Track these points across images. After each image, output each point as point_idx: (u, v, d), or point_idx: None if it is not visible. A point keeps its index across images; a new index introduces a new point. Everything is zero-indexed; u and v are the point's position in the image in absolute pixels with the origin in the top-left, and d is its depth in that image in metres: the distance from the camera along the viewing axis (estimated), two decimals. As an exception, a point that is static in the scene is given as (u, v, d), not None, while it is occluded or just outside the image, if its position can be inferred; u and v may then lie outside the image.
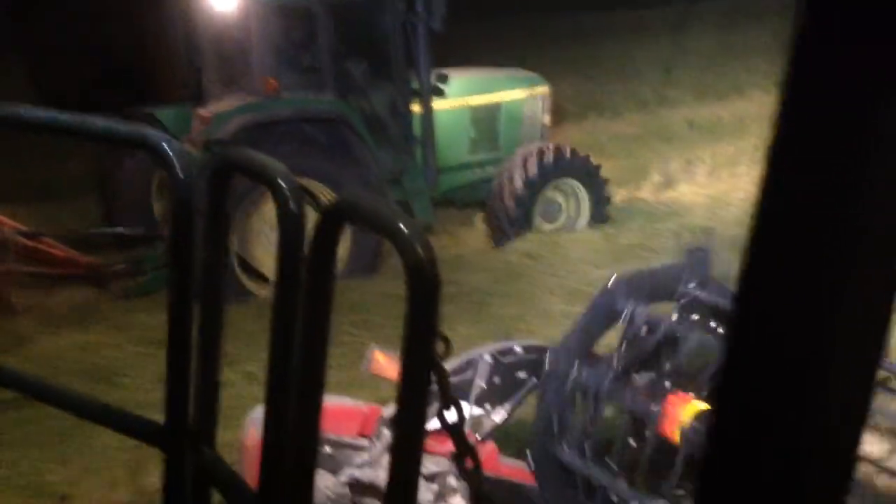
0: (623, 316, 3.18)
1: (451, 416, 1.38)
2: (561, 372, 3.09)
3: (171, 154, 1.53)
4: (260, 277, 7.75)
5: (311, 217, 1.56)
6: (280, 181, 1.42)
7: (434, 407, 1.55)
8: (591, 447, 3.10)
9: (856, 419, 0.58)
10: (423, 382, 1.33)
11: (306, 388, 1.53)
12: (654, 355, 3.13)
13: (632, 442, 3.05)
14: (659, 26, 16.79)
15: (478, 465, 1.33)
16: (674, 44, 15.72)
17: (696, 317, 3.20)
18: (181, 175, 1.56)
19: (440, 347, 1.36)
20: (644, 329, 3.17)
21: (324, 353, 1.51)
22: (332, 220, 1.44)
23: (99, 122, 1.59)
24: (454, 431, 1.34)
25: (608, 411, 3.11)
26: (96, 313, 7.51)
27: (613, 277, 3.26)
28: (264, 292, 7.57)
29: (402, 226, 1.31)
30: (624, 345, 3.14)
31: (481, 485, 1.33)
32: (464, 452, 1.33)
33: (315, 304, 1.49)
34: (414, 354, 1.32)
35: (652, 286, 3.24)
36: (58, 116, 1.60)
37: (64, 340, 6.93)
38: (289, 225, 1.44)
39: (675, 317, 3.22)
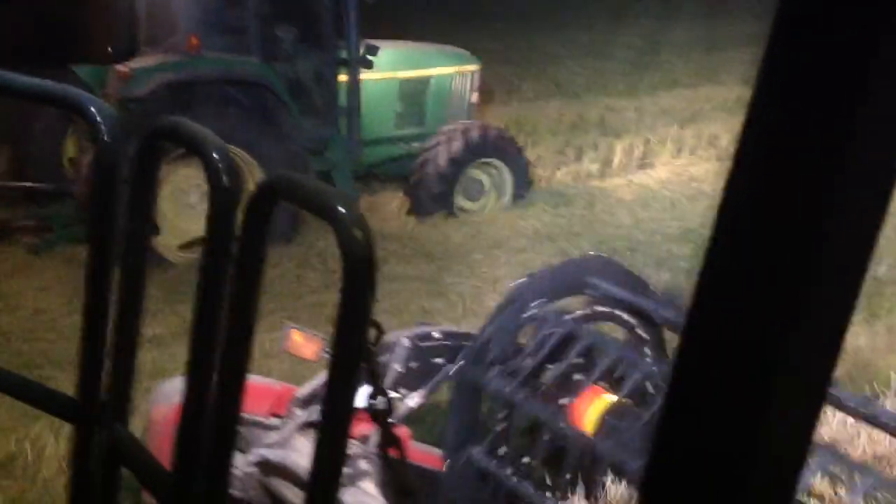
0: (528, 319, 3.19)
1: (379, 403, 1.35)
2: (472, 381, 3.10)
3: (99, 118, 1.46)
4: (183, 244, 7.57)
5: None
6: (215, 155, 1.37)
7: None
8: (506, 452, 3.12)
9: (804, 438, 0.58)
10: (353, 368, 1.31)
11: (230, 366, 1.49)
12: (563, 352, 3.14)
13: (545, 444, 3.08)
14: (601, 14, 17.01)
15: (403, 455, 1.31)
16: (611, 33, 15.96)
17: (603, 308, 3.23)
18: (108, 140, 1.49)
19: (372, 334, 1.33)
20: (552, 331, 3.18)
21: (251, 332, 1.47)
22: (266, 197, 1.39)
23: (25, 79, 1.50)
24: (382, 420, 1.32)
25: (521, 417, 3.13)
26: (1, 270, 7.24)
27: (515, 283, 3.27)
28: (174, 256, 7.41)
29: (340, 208, 1.27)
30: (531, 349, 3.15)
31: (406, 474, 1.31)
32: (390, 442, 1.31)
33: (244, 282, 1.44)
34: (346, 340, 1.29)
35: (558, 282, 3.26)
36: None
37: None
38: (221, 201, 1.39)
39: (581, 312, 3.24)
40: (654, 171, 10.01)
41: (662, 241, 7.73)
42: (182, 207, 7.58)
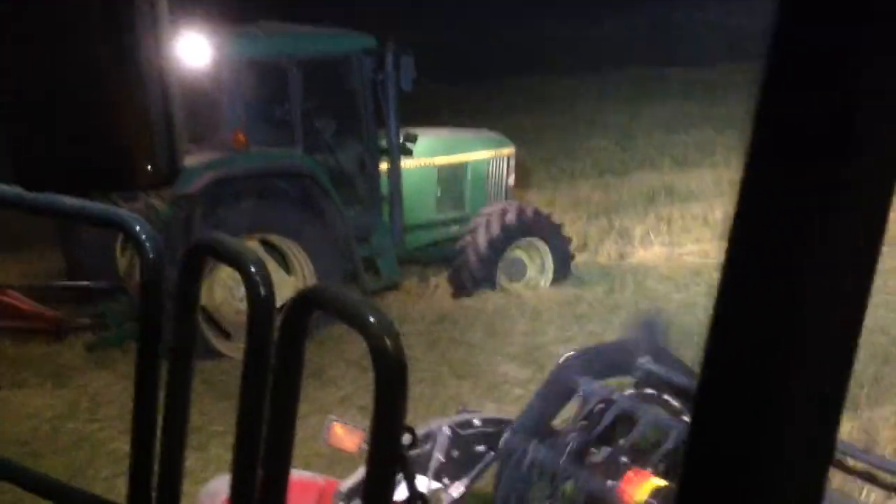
0: (577, 393, 3.20)
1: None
2: (517, 451, 3.10)
3: (142, 236, 1.55)
4: (225, 334, 7.68)
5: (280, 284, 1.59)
6: (252, 268, 1.44)
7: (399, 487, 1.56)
8: None
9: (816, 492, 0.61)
10: (388, 474, 1.34)
11: (272, 465, 1.54)
12: (609, 431, 3.14)
13: None
14: (624, 92, 17.07)
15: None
16: (636, 111, 15.97)
17: (650, 391, 3.23)
18: (151, 256, 1.58)
19: (406, 438, 1.37)
20: (599, 406, 3.18)
21: (291, 432, 1.51)
22: (302, 307, 1.46)
23: (71, 201, 1.60)
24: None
25: (567, 488, 3.12)
26: (60, 369, 7.40)
27: (565, 355, 3.29)
28: (229, 350, 7.49)
29: (370, 317, 1.33)
30: (579, 422, 3.16)
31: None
32: (428, 543, 1.34)
33: (283, 386, 1.50)
34: (380, 445, 1.33)
35: (606, 361, 3.27)
36: (26, 195, 1.61)
37: (25, 398, 6.81)
38: (259, 310, 1.46)
39: (630, 392, 3.25)
40: (691, 244, 9.85)
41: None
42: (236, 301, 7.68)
